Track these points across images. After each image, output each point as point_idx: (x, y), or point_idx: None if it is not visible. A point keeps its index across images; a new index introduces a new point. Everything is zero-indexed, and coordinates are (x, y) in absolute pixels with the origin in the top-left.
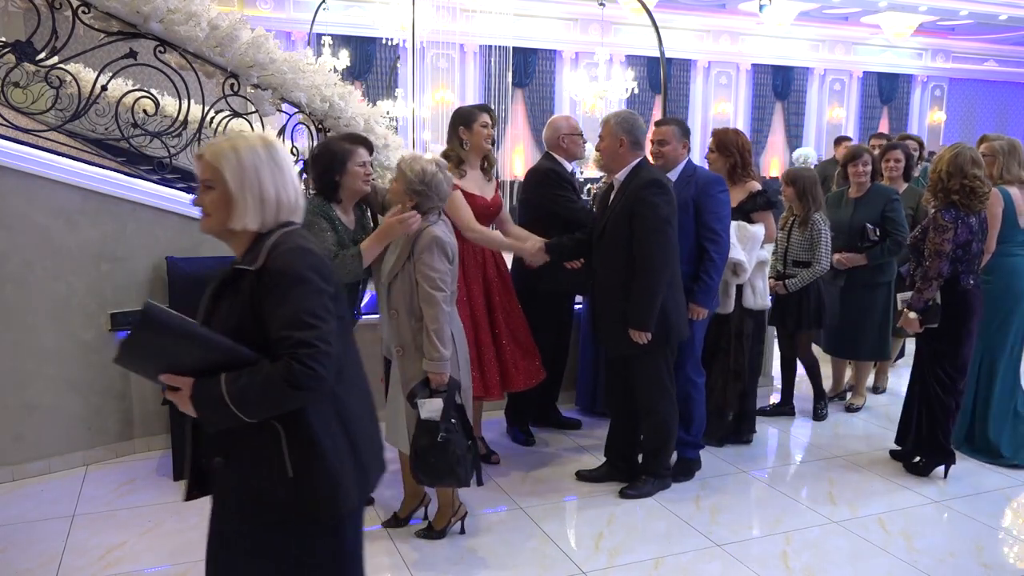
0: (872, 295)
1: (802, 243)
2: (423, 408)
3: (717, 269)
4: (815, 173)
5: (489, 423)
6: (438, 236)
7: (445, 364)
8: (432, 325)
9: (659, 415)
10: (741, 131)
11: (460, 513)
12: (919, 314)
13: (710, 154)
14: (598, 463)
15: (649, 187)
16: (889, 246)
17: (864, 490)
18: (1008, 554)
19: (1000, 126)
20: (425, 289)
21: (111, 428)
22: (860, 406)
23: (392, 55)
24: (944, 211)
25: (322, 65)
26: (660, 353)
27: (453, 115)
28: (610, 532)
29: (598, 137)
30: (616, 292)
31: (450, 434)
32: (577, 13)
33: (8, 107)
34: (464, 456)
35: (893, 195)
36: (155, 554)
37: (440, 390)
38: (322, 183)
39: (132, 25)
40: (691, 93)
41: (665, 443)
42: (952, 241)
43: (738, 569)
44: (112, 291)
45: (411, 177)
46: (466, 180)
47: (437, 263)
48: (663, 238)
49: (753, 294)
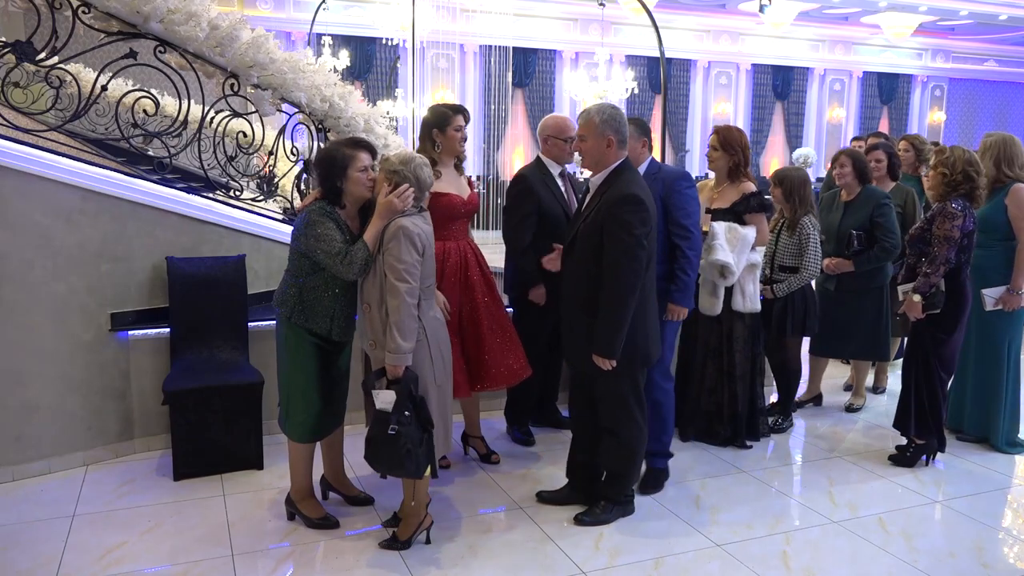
0: (862, 300)
1: (790, 247)
2: (377, 399)
3: (692, 266)
4: (805, 173)
5: (489, 423)
6: (405, 226)
7: (403, 357)
8: (393, 317)
9: (621, 438)
10: (742, 130)
11: (426, 524)
12: (923, 298)
13: (712, 152)
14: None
15: (624, 203)
16: (877, 253)
17: (864, 490)
18: (1008, 554)
19: (1000, 126)
20: (390, 280)
21: (111, 428)
22: (860, 406)
23: (392, 55)
24: (954, 200)
25: (322, 65)
26: (626, 375)
27: (425, 116)
28: (610, 532)
29: (578, 137)
30: (582, 306)
31: (401, 427)
32: (577, 13)
33: (8, 107)
34: (413, 450)
35: (883, 199)
36: (155, 554)
37: (395, 381)
38: (325, 189)
39: (132, 25)
40: (691, 93)
41: (628, 469)
42: (960, 228)
43: (738, 569)
44: (112, 291)
45: (394, 160)
46: (441, 181)
47: (404, 254)
48: (633, 260)
49: (743, 297)
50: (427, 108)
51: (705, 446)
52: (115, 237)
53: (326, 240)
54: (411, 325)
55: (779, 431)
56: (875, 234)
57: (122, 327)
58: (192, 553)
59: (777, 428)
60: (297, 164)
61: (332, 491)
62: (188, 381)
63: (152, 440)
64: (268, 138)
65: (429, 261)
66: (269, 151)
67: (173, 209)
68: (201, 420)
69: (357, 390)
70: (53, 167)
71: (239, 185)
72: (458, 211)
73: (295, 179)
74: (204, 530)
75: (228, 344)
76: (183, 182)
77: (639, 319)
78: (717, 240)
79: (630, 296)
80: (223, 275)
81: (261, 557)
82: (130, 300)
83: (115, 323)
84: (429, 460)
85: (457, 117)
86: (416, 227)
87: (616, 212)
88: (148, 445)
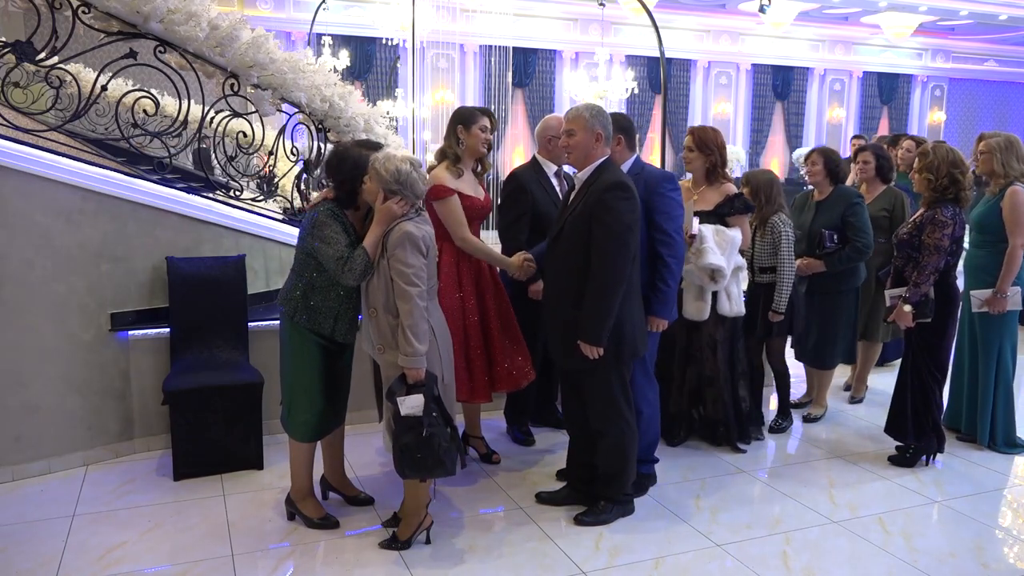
0: (834, 302)
1: (764, 247)
2: (403, 405)
3: (673, 275)
4: (773, 176)
5: (489, 423)
6: (410, 231)
7: (420, 360)
8: (407, 321)
9: (612, 438)
10: (718, 129)
11: (426, 524)
12: (913, 307)
13: (688, 153)
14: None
15: (612, 190)
16: (848, 253)
17: (864, 490)
18: (1008, 554)
19: (1000, 126)
20: (399, 285)
21: (111, 428)
22: (820, 416)
23: (392, 55)
24: (944, 208)
25: (322, 65)
26: (613, 369)
27: (454, 113)
28: (610, 532)
29: (565, 132)
30: (568, 300)
31: (434, 427)
32: (577, 13)
33: (8, 107)
34: (449, 447)
35: (855, 198)
36: (155, 554)
37: (418, 384)
38: (342, 191)
39: (132, 25)
40: (691, 93)
41: (622, 467)
42: (950, 236)
43: (738, 569)
44: (112, 291)
45: (386, 177)
46: (461, 181)
47: (410, 258)
48: (623, 247)
49: (728, 300)
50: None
51: (705, 446)
52: (115, 237)
53: (331, 242)
54: (424, 327)
55: (779, 431)
56: (847, 234)
57: (122, 327)
58: (192, 553)
59: (777, 428)
60: (297, 164)
61: (332, 491)
62: (188, 381)
63: (152, 440)
64: (268, 138)
65: (432, 263)
66: (269, 151)
67: (173, 209)
68: (201, 420)
69: (358, 390)
70: (53, 167)
71: (239, 185)
72: (474, 214)
73: (295, 179)
74: (204, 530)
75: (228, 344)
76: (183, 182)
77: (626, 310)
78: (707, 243)
79: (618, 283)
80: (223, 275)
81: (261, 557)
82: (130, 300)
83: (115, 323)
84: (460, 452)
85: (484, 118)
86: (420, 230)
87: (605, 199)
88: (148, 445)
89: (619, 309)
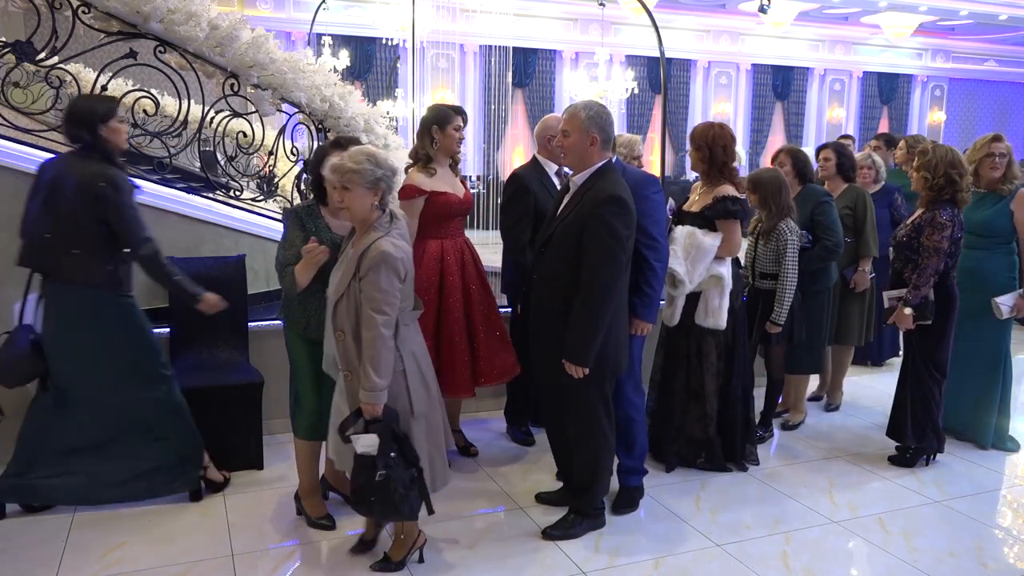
0: (808, 305)
1: (767, 254)
2: (357, 443)
3: (658, 279)
4: (780, 177)
5: (489, 423)
6: (388, 252)
7: (380, 395)
8: (368, 351)
9: (589, 452)
10: (717, 123)
11: (420, 542)
12: (913, 310)
13: (694, 152)
14: None
15: (607, 204)
16: (819, 252)
17: (864, 490)
18: (1008, 554)
19: (1000, 126)
20: (365, 310)
21: None
22: (800, 422)
23: (392, 55)
24: (942, 210)
25: (322, 65)
26: (594, 386)
27: (427, 113)
28: (610, 532)
29: (560, 132)
30: (554, 313)
31: (389, 470)
32: (577, 13)
33: (8, 107)
34: (407, 493)
35: (823, 197)
36: (155, 554)
37: (375, 422)
38: (314, 187)
39: (132, 25)
40: (691, 93)
41: (593, 480)
42: (949, 238)
43: (738, 569)
44: None
45: (366, 166)
46: (436, 179)
47: (384, 283)
48: (614, 266)
49: (705, 311)
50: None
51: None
52: None
53: (284, 244)
54: (387, 358)
55: (759, 442)
56: (816, 233)
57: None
58: (192, 553)
59: (758, 439)
60: (297, 164)
61: (332, 491)
62: (188, 381)
63: None
64: (268, 138)
65: (408, 285)
66: (269, 151)
67: (173, 209)
68: (201, 420)
69: None
70: None
71: (239, 185)
72: (455, 210)
73: (295, 179)
74: (204, 530)
75: (228, 344)
76: (183, 182)
77: (610, 327)
78: (673, 245)
79: (608, 302)
80: (223, 275)
81: (261, 557)
82: None
83: None
84: (423, 498)
85: (458, 118)
86: (399, 251)
87: (600, 213)
88: None
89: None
